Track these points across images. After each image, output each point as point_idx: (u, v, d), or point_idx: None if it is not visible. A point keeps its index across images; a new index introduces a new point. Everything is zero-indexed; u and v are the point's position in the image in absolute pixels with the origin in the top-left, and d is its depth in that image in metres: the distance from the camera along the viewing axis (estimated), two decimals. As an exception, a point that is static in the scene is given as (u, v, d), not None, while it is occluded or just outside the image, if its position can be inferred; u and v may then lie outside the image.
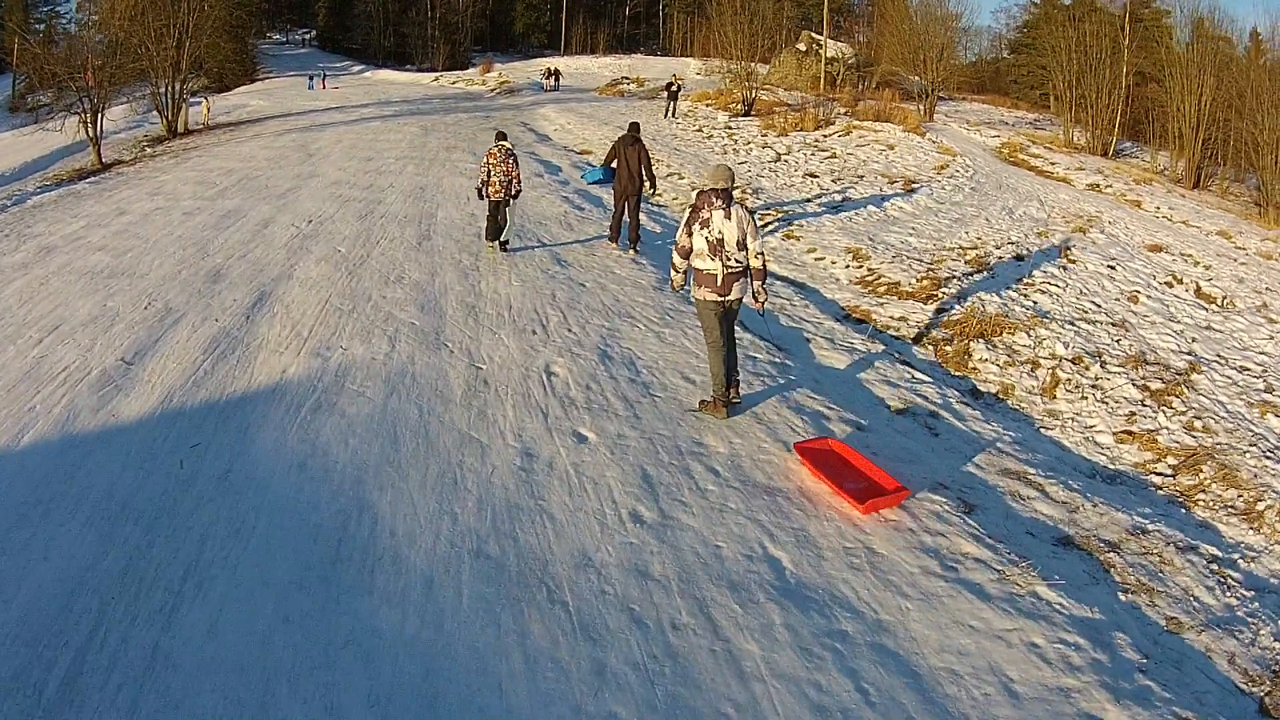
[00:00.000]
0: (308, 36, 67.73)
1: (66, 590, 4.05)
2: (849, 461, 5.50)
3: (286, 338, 7.38)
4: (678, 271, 6.05)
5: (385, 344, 7.13)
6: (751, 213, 6.38)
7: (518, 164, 10.52)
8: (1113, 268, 12.97)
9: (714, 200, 5.77)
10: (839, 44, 40.90)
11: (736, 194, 14.07)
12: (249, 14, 49.95)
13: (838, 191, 16.02)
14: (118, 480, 5.04)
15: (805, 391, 6.73)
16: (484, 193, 10.38)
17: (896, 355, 8.48)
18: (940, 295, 10.19)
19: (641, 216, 11.39)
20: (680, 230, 5.95)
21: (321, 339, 7.31)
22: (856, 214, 14.16)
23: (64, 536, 4.47)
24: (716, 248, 5.76)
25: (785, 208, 14.58)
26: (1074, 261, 12.83)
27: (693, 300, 6.17)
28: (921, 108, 30.03)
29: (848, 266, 11.17)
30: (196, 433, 5.64)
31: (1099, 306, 10.93)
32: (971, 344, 8.98)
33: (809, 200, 15.21)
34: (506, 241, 10.53)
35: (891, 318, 9.64)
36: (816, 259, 11.53)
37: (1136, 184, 22.78)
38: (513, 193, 10.32)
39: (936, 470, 6.12)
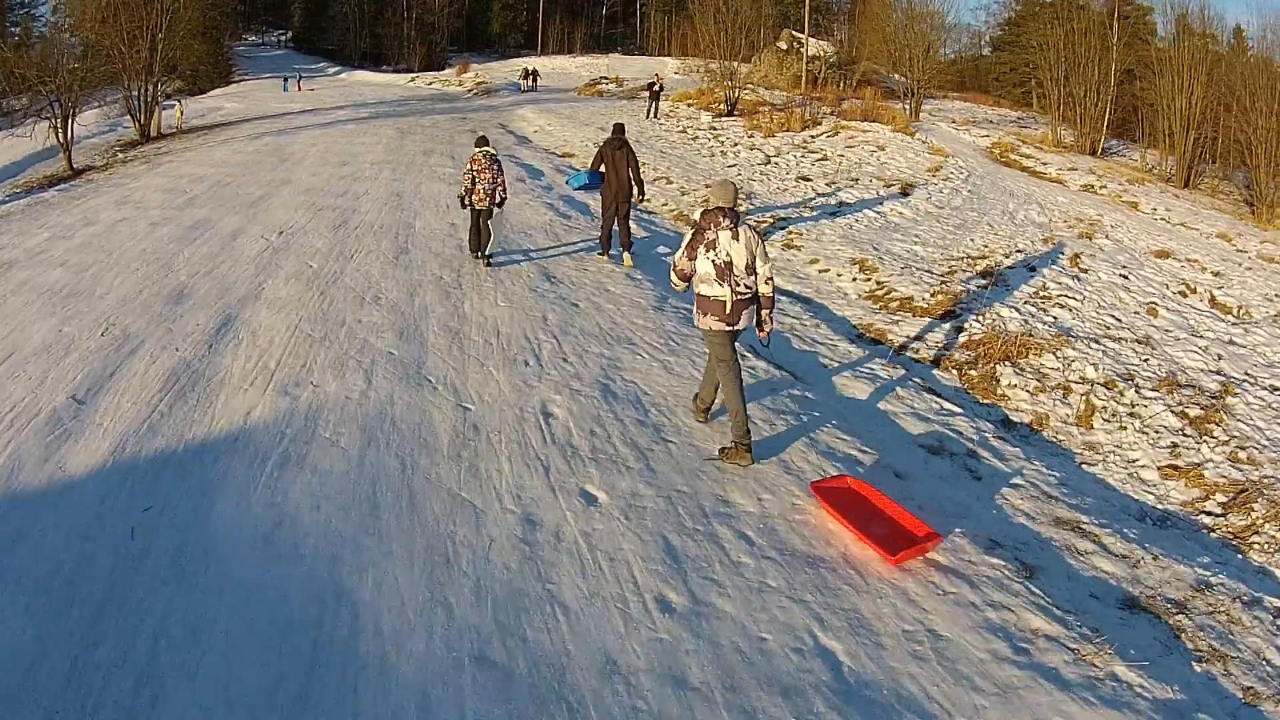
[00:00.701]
0: (283, 38, 66.65)
1: (3, 702, 3.31)
2: (870, 502, 4.95)
3: (252, 371, 6.59)
4: (679, 278, 5.51)
5: (361, 379, 6.35)
6: (760, 234, 5.74)
7: (502, 170, 9.82)
8: (1125, 277, 12.42)
9: (721, 219, 5.25)
10: (820, 42, 40.40)
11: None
12: (224, 15, 49.02)
13: (833, 195, 15.38)
14: (64, 554, 4.29)
15: (832, 430, 6.04)
16: (467, 201, 9.66)
17: (920, 382, 7.82)
18: (957, 311, 9.55)
19: (631, 223, 10.67)
20: (680, 252, 5.38)
21: (290, 372, 6.52)
22: (856, 220, 13.52)
23: (3, 631, 3.71)
24: (724, 271, 5.23)
25: (781, 214, 13.91)
26: (1086, 271, 12.27)
27: (699, 330, 5.53)
28: (907, 106, 29.54)
29: (855, 279, 10.51)
30: (150, 492, 4.87)
31: (1120, 321, 10.35)
32: (998, 367, 8.34)
33: (805, 205, 14.56)
34: (490, 256, 9.80)
35: (908, 337, 8.99)
36: (821, 271, 10.86)
37: (1130, 184, 22.37)
38: (497, 200, 9.63)
39: (987, 524, 5.48)
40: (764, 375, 6.88)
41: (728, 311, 5.24)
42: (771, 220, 13.44)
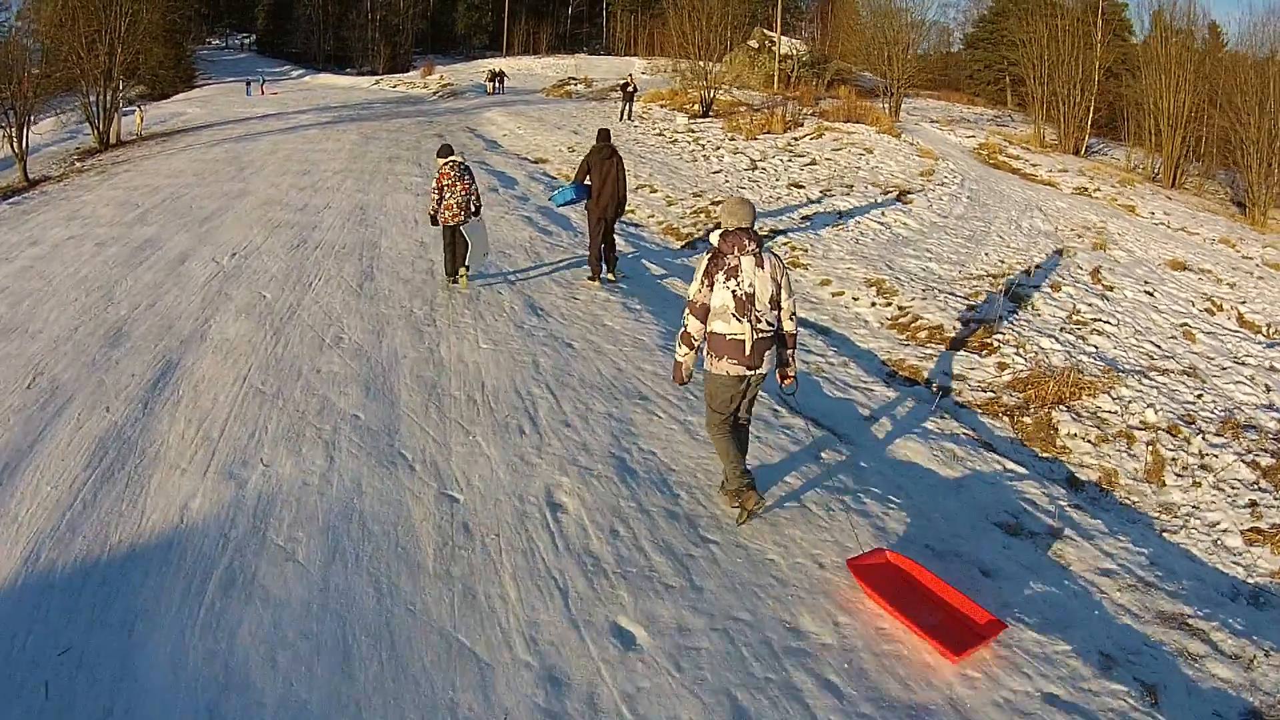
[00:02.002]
0: (247, 41, 64.89)
1: None
2: (914, 580, 4.16)
3: (192, 442, 5.42)
4: (689, 347, 4.48)
5: (321, 455, 5.17)
6: (785, 263, 4.77)
7: (474, 180, 8.78)
8: (1151, 294, 11.59)
9: (745, 243, 4.40)
10: (792, 40, 39.56)
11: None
12: (186, 18, 47.47)
13: (830, 204, 14.39)
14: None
15: (896, 511, 5.01)
16: (438, 219, 8.57)
17: (972, 434, 6.80)
18: (994, 343, 8.57)
19: (616, 237, 9.61)
20: (696, 283, 4.45)
21: (237, 445, 5.34)
22: (860, 232, 12.54)
23: None
24: (745, 305, 4.40)
25: (778, 224, 12.88)
26: (1111, 289, 11.41)
27: (708, 374, 4.59)
28: (886, 105, 28.75)
29: (874, 304, 9.50)
30: (67, 625, 3.77)
31: (1160, 349, 9.48)
32: (1053, 413, 7.37)
33: (802, 215, 13.54)
34: (469, 268, 8.73)
35: (946, 375, 7.99)
36: (835, 295, 9.83)
37: (1121, 186, 21.75)
38: (472, 210, 8.68)
39: (1093, 631, 4.50)
40: (803, 437, 5.81)
41: (747, 352, 4.41)
42: (768, 232, 12.40)
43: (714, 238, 4.51)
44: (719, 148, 19.74)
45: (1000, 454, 6.62)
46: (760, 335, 4.41)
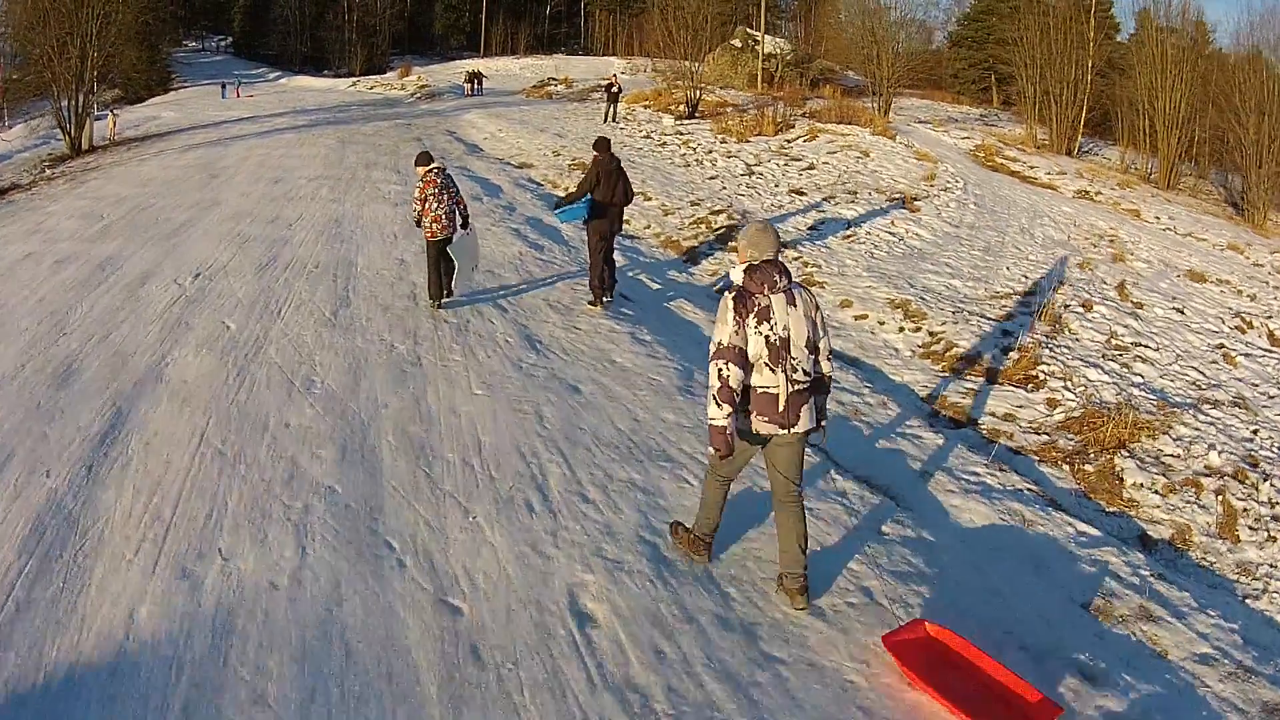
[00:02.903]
0: (223, 43, 63.51)
1: None
2: (957, 656, 3.63)
3: (140, 521, 4.55)
4: (729, 404, 3.73)
5: (290, 544, 4.29)
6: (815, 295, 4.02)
7: (458, 188, 8.16)
8: (1181, 311, 10.95)
9: (775, 278, 3.77)
10: (776, 39, 38.86)
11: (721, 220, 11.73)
12: (161, 21, 46.16)
13: (835, 212, 13.62)
14: None
15: (976, 596, 4.24)
16: (423, 229, 7.97)
17: (1035, 489, 6.04)
18: (1039, 376, 7.82)
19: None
20: (723, 326, 3.76)
21: (191, 528, 4.46)
22: (873, 244, 11.77)
23: None
24: (779, 353, 3.76)
25: (786, 237, 12.06)
26: (1141, 306, 10.75)
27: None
28: (875, 105, 28.08)
29: (902, 329, 8.72)
30: None
31: (1204, 375, 8.81)
32: (1116, 459, 6.64)
33: (808, 225, 12.76)
34: (452, 293, 7.99)
35: (993, 415, 7.23)
36: (859, 318, 9.05)
37: (1120, 188, 21.20)
38: (460, 222, 8.09)
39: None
40: (857, 504, 5.00)
41: (781, 408, 3.76)
42: (783, 243, 11.60)
43: (737, 275, 3.82)
44: (711, 151, 18.93)
45: (1069, 513, 5.87)
46: (796, 387, 3.78)
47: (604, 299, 8.29)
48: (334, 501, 4.67)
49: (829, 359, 3.96)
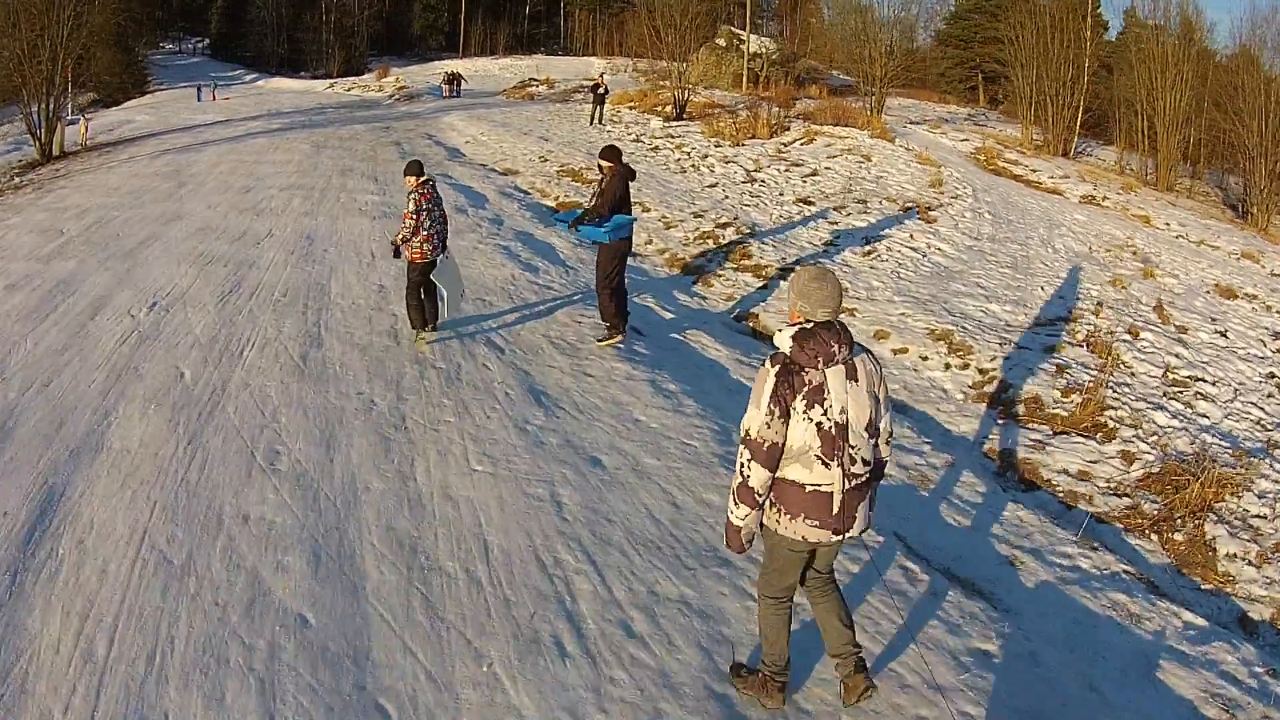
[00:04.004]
0: (200, 45, 61.84)
1: None
2: None
3: (69, 663, 3.64)
4: (749, 506, 3.01)
5: (254, 709, 3.26)
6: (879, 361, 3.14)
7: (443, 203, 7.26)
8: (1224, 334, 10.13)
9: (833, 348, 2.95)
10: (761, 39, 37.93)
11: (725, 231, 10.71)
12: (137, 23, 44.80)
13: (848, 224, 12.68)
14: None
15: (1086, 706, 3.28)
16: (408, 252, 7.00)
17: (1131, 571, 5.13)
18: (1107, 423, 6.91)
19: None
20: (755, 410, 2.95)
21: (131, 677, 3.52)
22: (897, 262, 10.83)
23: None
24: (835, 442, 2.95)
25: (799, 252, 11.11)
26: (1184, 331, 9.90)
27: (769, 532, 3.12)
28: (867, 105, 27.20)
29: (949, 366, 7.77)
30: None
31: (1265, 412, 7.98)
32: (1206, 525, 5.75)
33: (822, 240, 11.80)
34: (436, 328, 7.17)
35: (1062, 472, 6.30)
36: (898, 352, 8.08)
37: (1124, 191, 20.48)
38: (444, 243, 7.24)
39: None
40: (951, 611, 4.02)
41: (835, 510, 2.98)
42: (793, 262, 10.63)
43: (783, 339, 2.98)
44: (707, 156, 17.94)
45: (1171, 598, 4.97)
46: (854, 482, 2.99)
47: (618, 335, 7.26)
48: (307, 640, 3.63)
49: (890, 441, 3.15)
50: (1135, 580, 5.11)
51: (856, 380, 2.96)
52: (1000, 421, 6.96)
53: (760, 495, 2.96)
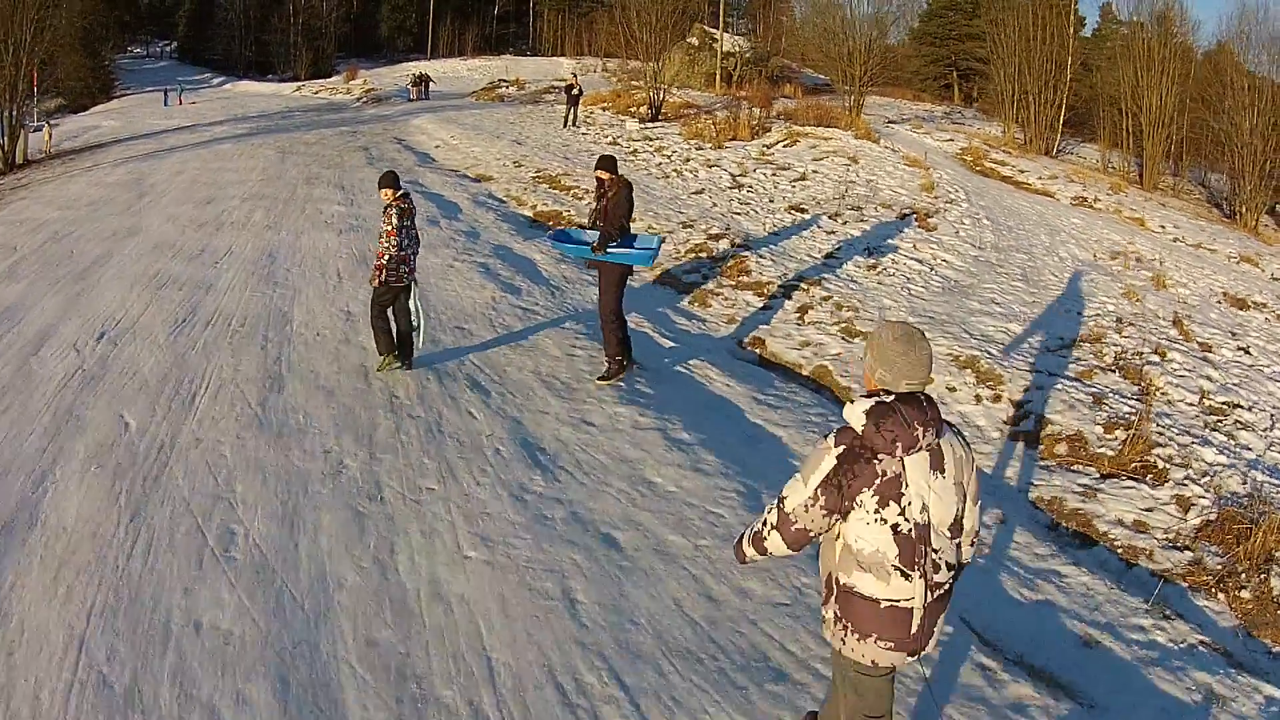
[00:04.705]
0: (168, 49, 60.51)
1: None
2: None
3: None
4: (758, 552, 2.60)
5: None
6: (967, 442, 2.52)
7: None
8: (1246, 350, 9.61)
9: (918, 432, 2.35)
10: (735, 37, 37.34)
11: (713, 237, 9.68)
12: (105, 26, 43.72)
13: (845, 233, 12.01)
14: None
15: None
16: (386, 278, 6.37)
17: (1210, 643, 4.51)
18: (1156, 463, 6.28)
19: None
20: (799, 488, 2.43)
21: None
22: (905, 276, 10.17)
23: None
24: (917, 547, 2.38)
25: (798, 265, 10.40)
26: (1208, 348, 9.36)
27: (833, 653, 2.58)
28: (847, 105, 26.65)
29: (979, 398, 7.10)
30: None
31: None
32: (1271, 579, 5.17)
33: (822, 252, 11.10)
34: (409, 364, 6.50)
35: (1117, 523, 5.66)
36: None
37: (1113, 192, 20.11)
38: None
39: None
40: (1026, 713, 3.35)
41: (914, 629, 2.43)
42: (792, 278, 9.92)
43: (855, 415, 2.38)
44: (689, 160, 17.21)
45: (1251, 671, 4.38)
46: (938, 593, 2.45)
47: (621, 371, 6.52)
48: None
49: (974, 539, 2.59)
50: (1213, 653, 4.51)
51: (942, 470, 2.39)
52: (1043, 463, 6.30)
53: (769, 555, 2.57)
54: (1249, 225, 20.43)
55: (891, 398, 2.35)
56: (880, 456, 2.32)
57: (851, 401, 2.40)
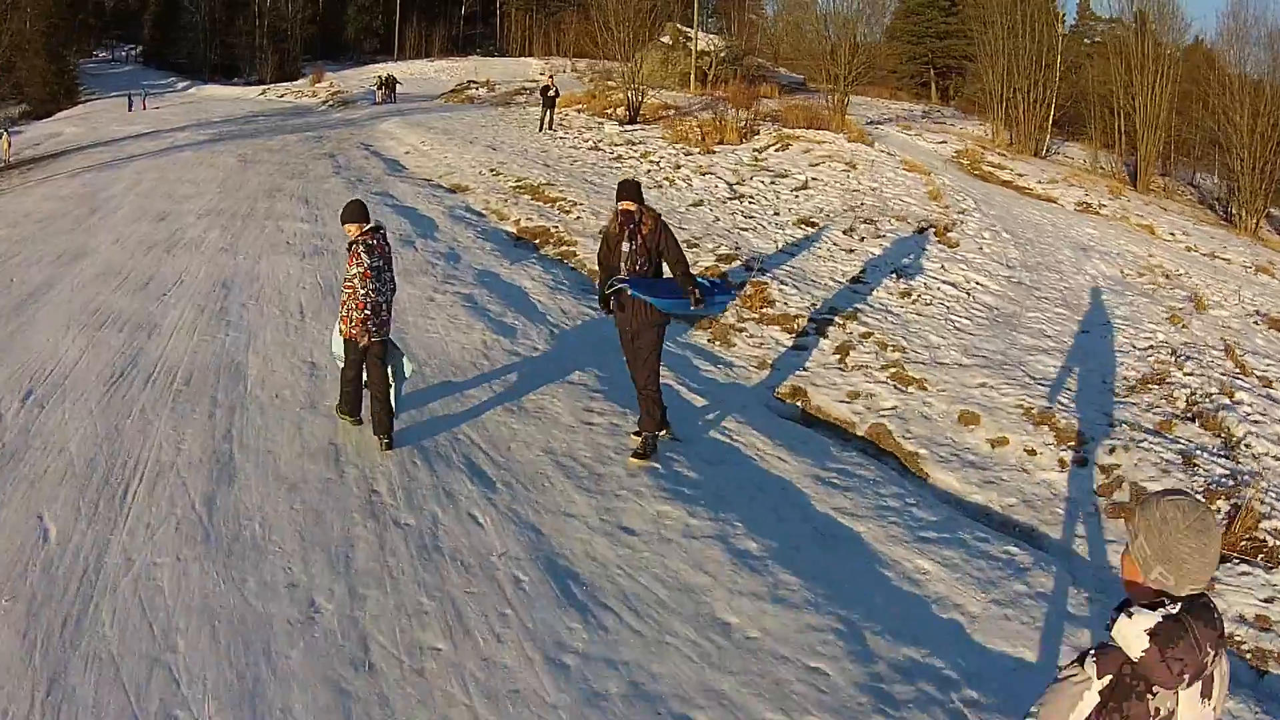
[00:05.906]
0: (133, 53, 58.72)
1: None
2: None
3: None
4: None
5: None
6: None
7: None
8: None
9: (1207, 655, 1.66)
10: (710, 36, 36.28)
11: (715, 250, 8.63)
12: (69, 31, 42.66)
13: (864, 250, 10.97)
14: None
15: None
16: (364, 331, 5.28)
17: None
18: (1267, 539, 5.31)
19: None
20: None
21: None
22: (943, 304, 9.13)
23: None
24: None
25: (828, 293, 9.32)
26: (1269, 384, 8.49)
27: None
28: (827, 105, 25.69)
29: (1063, 463, 6.05)
30: None
31: None
32: None
33: (847, 275, 10.02)
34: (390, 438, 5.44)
35: (1239, 620, 4.70)
36: (996, 444, 6.30)
37: (1113, 196, 19.38)
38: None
39: None
40: None
41: None
42: (826, 311, 8.84)
43: (1131, 635, 1.65)
44: (679, 166, 16.05)
45: None
46: None
47: (654, 448, 5.36)
48: None
49: None
50: None
51: (1209, 697, 1.79)
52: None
53: None
54: (1249, 229, 19.85)
55: (1178, 607, 1.68)
56: (1156, 690, 1.69)
57: (1128, 618, 1.65)
